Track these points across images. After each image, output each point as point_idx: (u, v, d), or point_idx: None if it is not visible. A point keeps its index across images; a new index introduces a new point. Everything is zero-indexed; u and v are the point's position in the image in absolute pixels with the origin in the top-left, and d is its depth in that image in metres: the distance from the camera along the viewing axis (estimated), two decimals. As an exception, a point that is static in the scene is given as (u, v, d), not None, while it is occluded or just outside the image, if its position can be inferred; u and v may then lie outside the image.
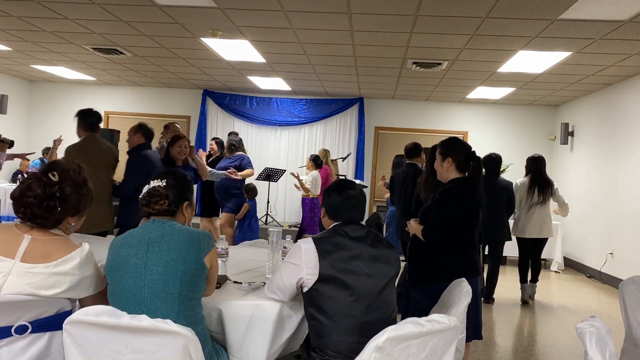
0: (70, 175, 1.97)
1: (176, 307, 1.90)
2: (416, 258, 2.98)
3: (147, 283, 1.90)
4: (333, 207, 2.29)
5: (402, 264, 2.83)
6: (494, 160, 5.61)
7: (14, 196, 1.92)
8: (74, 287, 1.90)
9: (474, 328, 2.91)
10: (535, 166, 5.76)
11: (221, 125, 10.18)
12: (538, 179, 5.70)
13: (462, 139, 3.15)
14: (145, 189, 2.08)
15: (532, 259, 5.87)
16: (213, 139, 7.29)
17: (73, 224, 2.03)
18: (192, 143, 7.83)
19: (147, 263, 1.91)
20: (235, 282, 2.52)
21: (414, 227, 2.95)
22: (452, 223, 2.79)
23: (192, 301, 1.96)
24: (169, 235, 1.96)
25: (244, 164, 6.45)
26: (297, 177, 7.77)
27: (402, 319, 1.95)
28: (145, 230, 1.99)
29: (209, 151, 7.16)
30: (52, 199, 1.90)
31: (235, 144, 6.61)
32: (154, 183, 2.07)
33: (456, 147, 2.95)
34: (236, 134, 8.69)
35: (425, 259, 2.90)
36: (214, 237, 3.94)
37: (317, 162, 7.89)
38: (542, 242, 5.82)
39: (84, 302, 1.98)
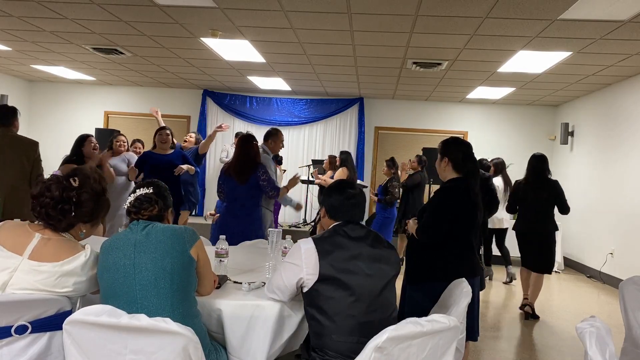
0: (90, 183, 2.04)
1: (169, 301, 1.93)
2: (413, 257, 2.99)
3: (137, 281, 1.93)
4: (334, 206, 2.29)
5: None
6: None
7: (33, 194, 1.98)
8: (78, 287, 1.95)
9: (469, 329, 2.91)
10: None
11: (221, 125, 10.18)
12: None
13: (462, 138, 3.14)
14: (131, 197, 2.12)
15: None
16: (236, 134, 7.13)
17: (84, 230, 2.09)
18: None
19: (135, 263, 1.95)
20: (235, 282, 2.53)
21: (411, 226, 2.96)
22: (445, 223, 2.78)
23: (184, 295, 1.99)
24: (154, 233, 2.01)
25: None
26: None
27: (399, 317, 1.96)
28: (131, 231, 2.05)
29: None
30: (67, 202, 1.97)
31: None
32: (141, 191, 2.13)
33: (453, 147, 2.94)
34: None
35: (422, 258, 2.90)
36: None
37: (280, 163, 7.94)
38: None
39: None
